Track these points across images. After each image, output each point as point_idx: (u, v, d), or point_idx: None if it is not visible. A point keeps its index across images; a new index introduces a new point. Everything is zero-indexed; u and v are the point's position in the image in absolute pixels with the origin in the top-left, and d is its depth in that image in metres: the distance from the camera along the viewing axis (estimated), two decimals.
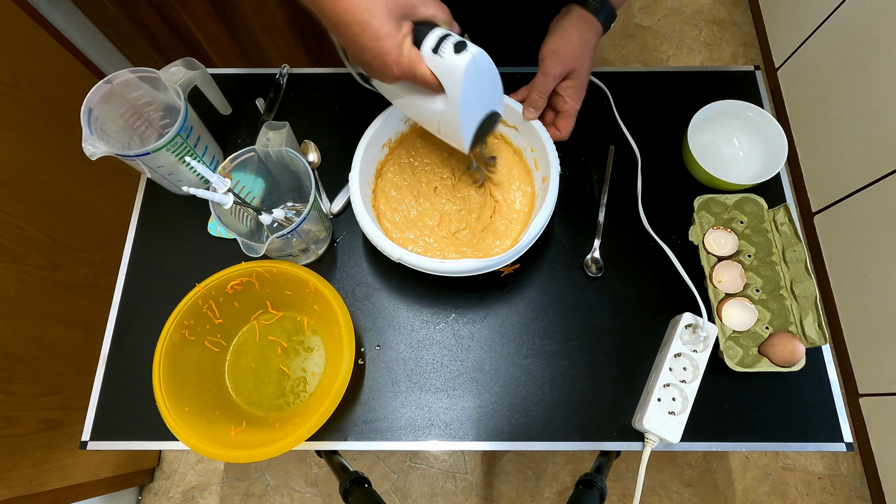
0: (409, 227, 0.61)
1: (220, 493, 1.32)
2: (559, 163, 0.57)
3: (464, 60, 0.43)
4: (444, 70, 0.44)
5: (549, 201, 0.55)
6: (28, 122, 0.91)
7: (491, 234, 0.61)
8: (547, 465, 1.33)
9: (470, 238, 0.61)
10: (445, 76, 0.44)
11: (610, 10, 0.56)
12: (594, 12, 0.56)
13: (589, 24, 0.56)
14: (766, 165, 0.66)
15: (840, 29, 1.32)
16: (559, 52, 0.55)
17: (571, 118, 0.59)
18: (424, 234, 0.61)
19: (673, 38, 1.79)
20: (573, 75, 0.56)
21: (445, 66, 0.43)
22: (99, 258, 1.06)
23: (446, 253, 0.60)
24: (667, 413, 0.55)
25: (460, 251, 0.60)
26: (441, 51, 0.43)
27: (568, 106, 0.58)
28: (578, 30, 0.55)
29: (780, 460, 1.33)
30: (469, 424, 0.58)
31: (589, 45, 0.56)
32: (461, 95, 0.45)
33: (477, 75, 0.45)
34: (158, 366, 0.52)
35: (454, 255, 0.60)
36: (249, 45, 1.25)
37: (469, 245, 0.61)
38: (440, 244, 0.61)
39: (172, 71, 0.59)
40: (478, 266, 0.53)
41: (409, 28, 0.43)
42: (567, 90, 0.57)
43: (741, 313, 0.60)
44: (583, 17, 0.56)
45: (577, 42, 0.55)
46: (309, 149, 0.70)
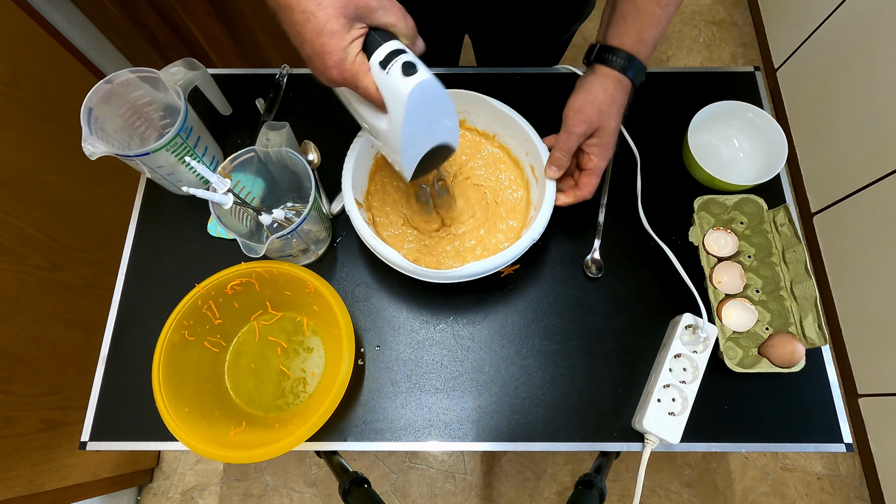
0: (406, 231, 0.62)
1: (220, 493, 1.32)
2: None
3: (409, 85, 0.38)
4: (389, 90, 0.40)
5: (546, 203, 0.55)
6: (28, 122, 0.91)
7: (490, 235, 0.61)
8: (546, 465, 1.33)
9: (468, 240, 0.61)
10: (390, 97, 0.40)
11: (638, 66, 0.53)
12: (621, 70, 0.53)
13: (615, 82, 0.53)
14: (765, 166, 0.66)
15: (839, 29, 1.32)
16: (583, 110, 0.53)
17: (595, 176, 0.56)
18: (421, 238, 0.61)
19: (672, 38, 1.79)
20: (598, 133, 0.54)
21: (390, 86, 0.39)
22: (99, 258, 1.06)
23: (444, 256, 0.60)
24: (666, 414, 0.55)
25: (458, 254, 0.60)
26: (389, 68, 0.38)
27: (593, 164, 0.56)
28: (604, 87, 0.53)
29: (779, 461, 1.33)
30: (469, 425, 0.58)
31: (616, 103, 0.53)
32: (404, 122, 0.41)
33: (424, 104, 0.41)
34: (158, 366, 0.52)
35: (452, 258, 0.60)
36: (249, 45, 1.25)
37: (468, 248, 0.61)
38: (437, 248, 0.61)
39: (173, 71, 0.59)
40: (476, 270, 0.53)
41: (361, 32, 0.39)
42: (592, 148, 0.55)
43: (741, 314, 0.60)
44: (608, 74, 0.53)
45: (603, 99, 0.53)
46: (309, 149, 0.70)
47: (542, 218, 0.54)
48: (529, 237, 0.53)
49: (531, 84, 0.75)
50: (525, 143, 0.60)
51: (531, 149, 0.59)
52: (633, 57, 0.53)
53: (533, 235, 0.53)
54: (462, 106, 0.63)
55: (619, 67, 0.53)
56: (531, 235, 0.53)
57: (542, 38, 0.78)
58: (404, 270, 0.54)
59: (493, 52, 0.87)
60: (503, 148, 0.64)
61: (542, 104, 0.62)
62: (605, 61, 0.53)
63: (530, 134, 0.58)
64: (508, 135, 0.62)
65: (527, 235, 0.53)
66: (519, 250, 0.53)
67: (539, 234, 0.54)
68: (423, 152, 0.46)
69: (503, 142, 0.64)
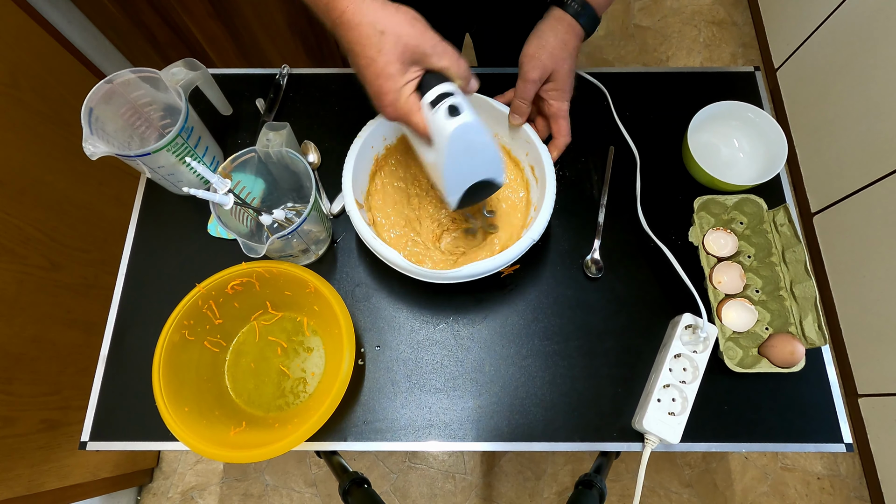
0: (406, 232, 0.62)
1: (220, 493, 1.32)
2: (555, 165, 0.57)
3: (451, 126, 0.43)
4: (436, 128, 0.44)
5: (546, 203, 0.55)
6: (28, 122, 0.91)
7: (491, 236, 0.61)
8: (546, 465, 1.33)
9: (468, 241, 0.61)
10: (436, 135, 0.45)
11: (591, 13, 0.56)
12: (575, 15, 0.55)
13: (567, 27, 0.55)
14: (765, 166, 0.66)
15: (839, 29, 1.32)
16: (536, 56, 0.55)
17: (563, 119, 0.58)
18: (421, 239, 0.61)
19: (672, 38, 1.79)
20: (553, 77, 0.56)
21: (437, 125, 0.44)
22: (99, 258, 1.06)
23: (443, 257, 0.60)
24: (666, 414, 0.55)
25: (458, 255, 0.60)
26: (437, 108, 0.43)
27: (555, 108, 0.58)
28: (555, 31, 0.55)
29: (779, 461, 1.33)
30: (469, 425, 0.59)
31: (568, 47, 0.55)
32: (446, 158, 0.45)
33: (465, 144, 0.45)
34: (158, 366, 0.52)
35: (452, 259, 0.60)
36: (249, 45, 1.25)
37: (467, 248, 0.61)
38: (437, 248, 0.61)
39: (173, 71, 0.59)
40: (476, 271, 0.53)
41: (417, 74, 0.43)
42: (550, 93, 0.57)
43: (741, 314, 0.60)
44: (561, 19, 0.55)
45: (554, 44, 0.55)
46: (309, 149, 0.70)
47: (541, 218, 0.54)
48: (529, 237, 0.53)
49: None
50: (525, 144, 0.60)
51: (531, 149, 0.59)
52: (587, 4, 0.55)
53: (533, 236, 0.54)
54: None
55: (573, 12, 0.55)
56: (531, 236, 0.53)
57: None
58: (405, 271, 0.54)
59: (493, 51, 0.87)
60: (503, 148, 0.64)
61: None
62: (562, 4, 0.56)
63: (530, 134, 0.58)
64: (508, 135, 0.62)
65: (527, 236, 0.54)
66: (519, 251, 0.53)
67: (539, 234, 0.54)
68: (466, 187, 0.49)
69: (503, 142, 0.64)
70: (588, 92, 0.73)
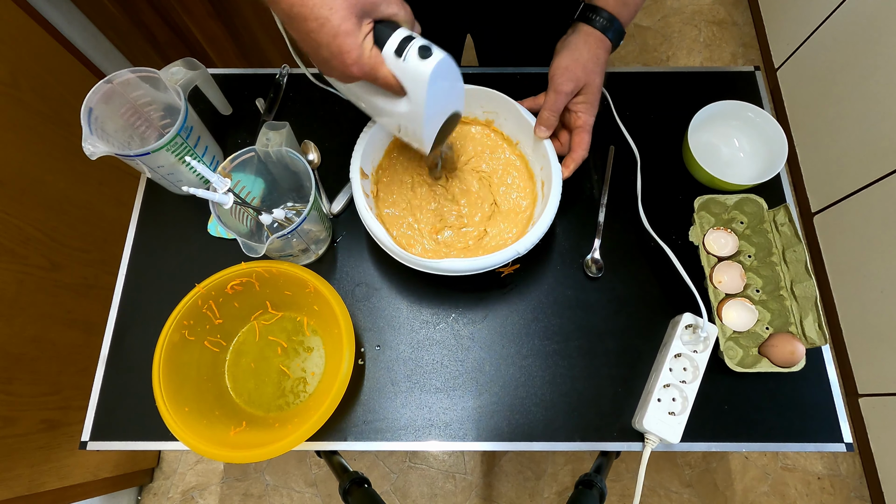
0: (405, 215, 0.62)
1: (220, 493, 1.32)
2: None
3: (429, 67, 0.41)
4: (408, 75, 0.42)
5: (543, 219, 0.55)
6: (28, 122, 0.91)
7: (491, 232, 0.61)
8: (547, 465, 1.33)
9: (470, 237, 0.61)
10: (409, 81, 0.43)
11: (618, 27, 0.56)
12: (602, 30, 0.55)
13: (598, 41, 0.55)
14: (765, 166, 0.66)
15: (840, 29, 1.32)
16: (570, 69, 0.55)
17: (587, 133, 0.58)
18: (418, 226, 0.61)
19: (672, 38, 1.79)
20: (584, 91, 0.56)
21: (409, 71, 0.42)
22: (99, 258, 1.06)
23: (435, 248, 0.60)
24: (667, 413, 0.55)
25: (458, 249, 0.60)
26: (405, 55, 0.41)
27: (581, 121, 0.57)
28: (588, 45, 0.55)
29: (779, 460, 1.33)
30: (469, 425, 0.58)
31: (599, 61, 0.55)
32: (426, 101, 0.43)
33: (441, 81, 0.44)
34: (158, 366, 0.52)
35: (453, 253, 0.60)
36: (249, 45, 1.25)
37: (469, 244, 0.61)
38: (432, 240, 0.61)
39: (173, 71, 0.59)
40: (455, 267, 0.53)
41: (369, 27, 0.41)
42: (579, 105, 0.57)
43: (741, 314, 0.60)
44: (591, 34, 0.55)
45: (588, 58, 0.55)
46: (309, 149, 0.70)
47: (532, 234, 0.54)
48: (514, 250, 0.53)
49: (531, 83, 0.75)
50: (542, 159, 0.59)
51: (546, 165, 0.59)
52: (614, 18, 0.55)
53: (518, 249, 0.53)
54: (493, 107, 0.63)
55: (601, 27, 0.55)
56: (516, 248, 0.53)
57: (543, 36, 0.78)
58: (388, 250, 0.54)
59: (494, 52, 0.87)
60: (522, 157, 0.64)
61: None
62: (589, 20, 0.56)
63: (548, 151, 0.58)
64: (530, 146, 0.62)
65: (511, 247, 0.53)
66: (502, 259, 0.53)
67: (526, 249, 0.54)
68: (441, 123, 0.49)
69: (523, 151, 0.64)
70: None
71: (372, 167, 0.61)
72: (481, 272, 0.54)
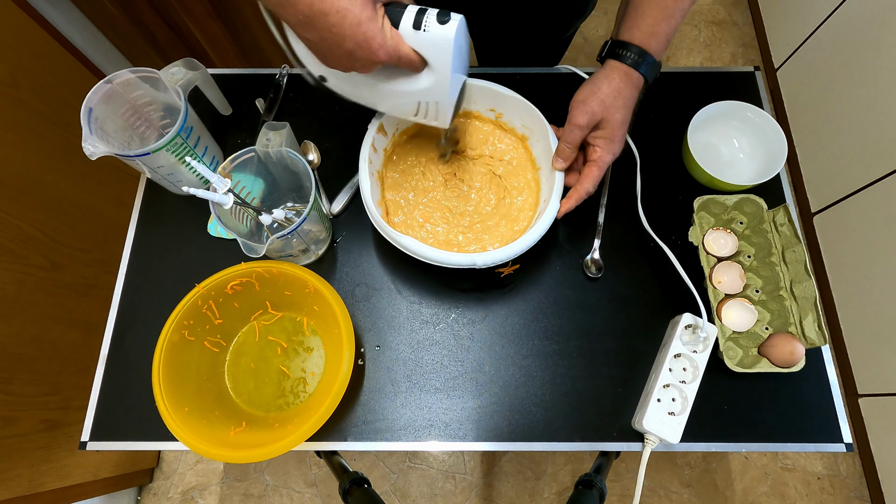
0: (410, 202, 0.62)
1: (220, 493, 1.32)
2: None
3: (452, 29, 0.42)
4: (429, 44, 0.43)
5: (551, 207, 0.55)
6: (28, 122, 0.91)
7: (493, 228, 0.61)
8: (546, 465, 1.33)
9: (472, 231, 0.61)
10: (431, 50, 0.44)
11: (651, 61, 0.53)
12: (633, 65, 0.53)
13: (623, 75, 0.53)
14: (765, 166, 0.66)
15: (839, 29, 1.32)
16: (586, 102, 0.53)
17: (597, 168, 0.55)
18: (422, 218, 0.61)
19: (672, 38, 1.79)
20: (603, 125, 0.54)
21: (430, 40, 0.43)
22: (99, 258, 1.06)
23: (430, 238, 0.60)
24: (666, 413, 0.55)
25: (459, 244, 0.60)
26: (425, 25, 0.42)
27: (596, 156, 0.55)
28: (609, 80, 0.53)
29: (779, 461, 1.33)
30: (469, 425, 0.58)
31: (622, 96, 0.53)
32: (451, 64, 0.44)
33: (461, 40, 0.45)
34: (158, 366, 0.52)
35: (455, 248, 0.60)
36: (249, 45, 1.25)
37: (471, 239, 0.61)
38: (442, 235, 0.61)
39: (173, 71, 0.59)
40: (447, 259, 0.53)
41: (382, 10, 0.42)
42: (598, 140, 0.55)
43: (741, 314, 0.60)
44: (617, 68, 0.53)
45: (607, 92, 0.53)
46: (309, 149, 0.70)
47: (525, 240, 0.54)
48: (507, 252, 0.53)
49: (532, 84, 0.75)
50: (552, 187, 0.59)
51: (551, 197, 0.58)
52: (644, 52, 0.53)
53: (511, 252, 0.53)
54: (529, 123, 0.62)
55: (631, 62, 0.53)
56: (509, 252, 0.53)
57: (544, 36, 0.79)
58: (383, 233, 0.54)
59: (494, 51, 0.87)
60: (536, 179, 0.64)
61: (542, 104, 0.61)
62: (617, 56, 0.53)
63: (557, 183, 0.57)
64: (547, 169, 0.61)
65: (504, 250, 0.53)
66: (496, 258, 0.53)
67: (518, 253, 0.54)
68: (461, 85, 0.51)
69: (532, 149, 0.64)
70: None
71: (385, 149, 0.62)
72: (479, 270, 0.54)
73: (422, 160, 0.64)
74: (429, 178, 0.64)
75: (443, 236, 0.61)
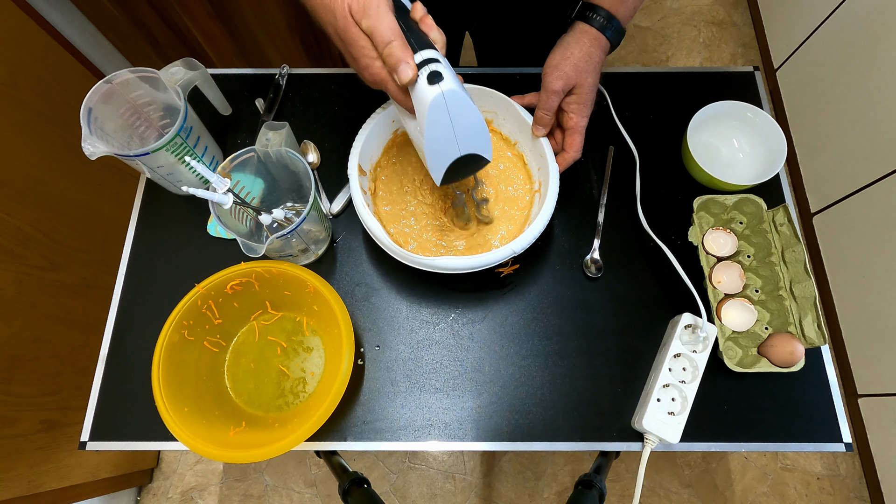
0: (404, 214, 0.62)
1: (219, 493, 1.32)
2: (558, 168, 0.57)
3: (432, 93, 0.41)
4: (416, 97, 0.43)
5: (539, 219, 0.55)
6: (28, 122, 0.91)
7: (489, 231, 0.61)
8: (546, 465, 1.33)
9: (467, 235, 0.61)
10: (417, 103, 0.43)
11: (617, 26, 0.55)
12: (600, 28, 0.54)
13: (593, 39, 0.54)
14: (765, 166, 0.66)
15: (839, 30, 1.32)
16: (560, 67, 0.54)
17: (578, 135, 0.57)
18: (418, 227, 0.61)
19: (672, 38, 1.80)
20: (576, 90, 0.55)
21: (417, 94, 0.42)
22: (98, 258, 1.06)
23: (429, 245, 0.60)
24: (666, 413, 0.55)
25: (455, 249, 0.60)
26: (420, 74, 0.41)
27: (573, 122, 0.57)
28: (580, 44, 0.54)
29: (779, 461, 1.33)
30: (468, 425, 0.58)
31: (592, 60, 0.54)
32: (426, 128, 0.43)
33: (446, 113, 0.42)
34: (157, 366, 0.52)
35: (452, 251, 0.60)
36: (249, 45, 1.25)
37: (466, 242, 0.61)
38: (437, 240, 0.61)
39: (172, 71, 0.59)
40: (448, 265, 0.53)
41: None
42: (571, 106, 0.56)
43: (740, 314, 0.60)
44: (586, 32, 0.55)
45: (579, 56, 0.54)
46: (308, 149, 0.70)
47: (528, 234, 0.54)
48: (510, 248, 0.53)
49: (531, 83, 0.74)
50: (539, 159, 0.60)
51: (543, 165, 0.59)
52: (612, 16, 0.54)
53: (514, 248, 0.53)
54: (491, 107, 0.63)
55: (598, 26, 0.54)
56: (512, 247, 0.53)
57: (542, 36, 0.78)
58: (385, 247, 0.54)
59: (493, 51, 0.87)
60: (520, 156, 0.64)
61: None
62: (586, 18, 0.55)
63: (546, 150, 0.58)
64: (528, 145, 0.62)
65: (507, 246, 0.53)
66: (499, 257, 0.53)
67: (522, 248, 0.54)
68: (450, 161, 0.47)
69: (521, 151, 0.64)
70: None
71: (370, 164, 0.61)
72: (479, 270, 0.54)
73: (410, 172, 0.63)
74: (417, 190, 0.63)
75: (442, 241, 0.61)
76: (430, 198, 0.63)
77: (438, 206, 0.63)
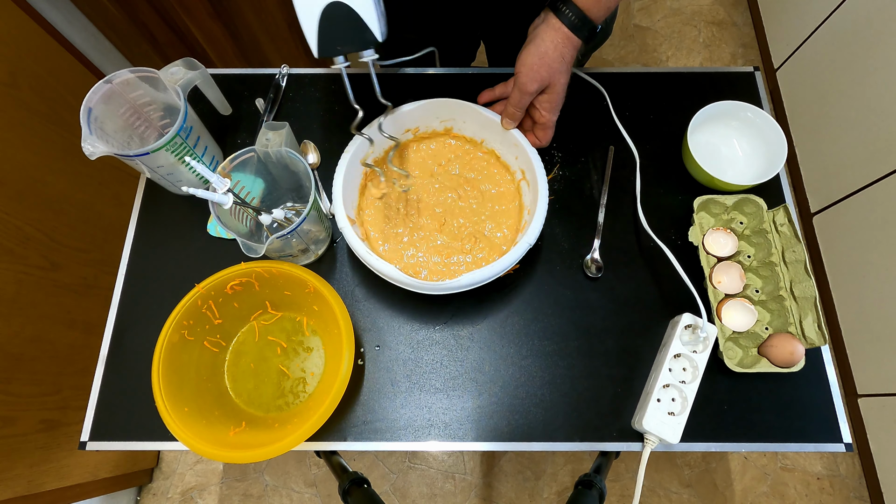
0: (403, 243, 0.62)
1: (219, 493, 1.32)
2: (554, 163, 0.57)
3: None
4: None
5: (540, 206, 0.55)
6: (28, 122, 0.91)
7: (484, 241, 0.61)
8: (546, 465, 1.33)
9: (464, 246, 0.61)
10: None
11: (591, 27, 0.54)
12: (572, 28, 0.53)
13: (565, 38, 0.54)
14: (765, 166, 0.66)
15: (839, 30, 1.32)
16: (535, 68, 0.55)
17: (549, 129, 0.60)
18: (416, 249, 0.61)
19: (672, 38, 1.79)
20: (549, 90, 0.56)
21: None
22: (98, 258, 1.06)
23: (441, 266, 0.60)
24: (666, 413, 0.55)
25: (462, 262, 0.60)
26: None
27: (545, 119, 0.59)
28: (554, 43, 0.54)
29: (779, 461, 1.33)
30: (468, 425, 0.58)
31: (565, 61, 0.55)
32: None
33: None
34: (158, 366, 0.52)
35: (450, 267, 0.60)
36: (249, 45, 1.25)
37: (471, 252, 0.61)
38: (434, 257, 0.61)
39: (172, 71, 0.59)
40: (474, 280, 0.53)
41: None
42: (544, 104, 0.58)
43: (741, 314, 0.60)
44: (560, 30, 0.54)
45: (553, 57, 0.54)
46: (308, 149, 0.70)
47: (536, 221, 0.54)
48: (526, 242, 0.53)
49: None
50: (514, 148, 0.60)
51: (521, 153, 0.59)
52: (586, 17, 0.53)
53: (529, 240, 0.53)
54: (447, 114, 0.63)
55: (570, 25, 0.54)
56: (527, 240, 0.53)
57: None
58: (403, 285, 0.54)
59: (504, 54, 0.88)
60: (492, 153, 0.64)
61: None
62: (558, 12, 0.54)
63: (518, 138, 0.59)
64: (498, 140, 0.62)
65: (523, 241, 0.53)
66: (517, 255, 0.53)
67: (535, 237, 0.54)
68: (320, 10, 0.44)
69: (493, 147, 0.64)
70: (587, 92, 0.73)
71: (353, 211, 0.60)
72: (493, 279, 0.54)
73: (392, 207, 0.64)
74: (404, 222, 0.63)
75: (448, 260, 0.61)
76: (416, 219, 0.63)
77: (430, 227, 0.62)
